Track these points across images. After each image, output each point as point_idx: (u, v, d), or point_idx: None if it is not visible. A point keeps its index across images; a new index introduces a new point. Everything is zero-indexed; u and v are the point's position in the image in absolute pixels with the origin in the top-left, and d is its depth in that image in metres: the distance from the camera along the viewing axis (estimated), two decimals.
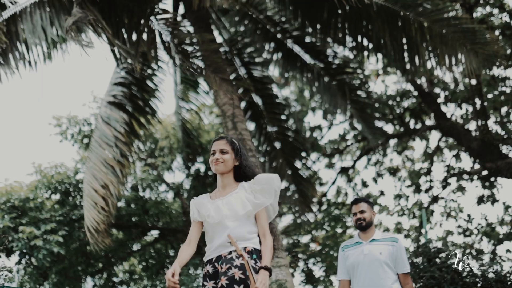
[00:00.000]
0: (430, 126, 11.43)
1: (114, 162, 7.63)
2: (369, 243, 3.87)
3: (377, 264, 3.78)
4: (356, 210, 3.95)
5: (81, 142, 10.50)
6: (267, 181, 2.83)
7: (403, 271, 3.80)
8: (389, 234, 4.14)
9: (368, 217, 3.91)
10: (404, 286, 3.79)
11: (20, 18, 6.98)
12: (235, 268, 2.62)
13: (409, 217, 13.14)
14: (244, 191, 2.83)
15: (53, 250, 8.64)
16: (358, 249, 3.90)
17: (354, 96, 9.00)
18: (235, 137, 3.11)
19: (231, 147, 2.89)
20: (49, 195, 9.72)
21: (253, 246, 2.74)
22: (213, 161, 2.86)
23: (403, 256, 3.83)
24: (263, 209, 2.81)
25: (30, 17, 6.99)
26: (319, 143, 12.04)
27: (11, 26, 6.92)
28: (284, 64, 9.22)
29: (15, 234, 8.61)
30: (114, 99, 7.76)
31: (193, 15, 7.56)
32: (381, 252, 3.80)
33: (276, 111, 9.37)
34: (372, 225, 3.96)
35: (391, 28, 7.74)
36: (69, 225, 9.22)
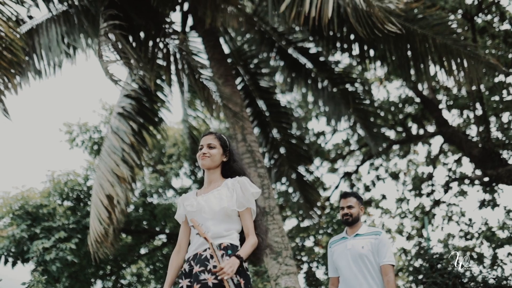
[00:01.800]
0: (432, 132, 11.64)
1: (122, 172, 7.83)
2: (353, 238, 3.82)
3: (359, 259, 3.72)
4: (344, 204, 3.89)
5: (91, 149, 10.74)
6: (248, 186, 2.79)
7: (383, 262, 3.70)
8: (374, 228, 3.93)
9: (355, 212, 3.85)
10: (384, 277, 3.69)
11: (36, 33, 7.24)
12: (208, 273, 2.57)
13: (411, 220, 13.37)
14: (226, 189, 2.77)
15: (66, 258, 8.88)
16: (342, 244, 3.86)
17: (357, 104, 9.22)
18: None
19: (219, 142, 2.86)
20: (61, 202, 9.97)
21: (229, 242, 2.69)
22: (200, 155, 2.82)
23: (385, 248, 3.75)
24: (247, 209, 2.77)
25: (46, 32, 7.24)
26: (323, 149, 12.26)
27: (28, 40, 7.16)
28: (289, 73, 9.45)
29: (30, 243, 8.86)
30: (124, 110, 7.98)
31: (202, 29, 7.79)
32: (363, 246, 3.74)
33: (282, 119, 9.62)
34: (359, 221, 3.89)
35: (396, 39, 7.95)
36: (81, 232, 9.46)
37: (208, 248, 2.64)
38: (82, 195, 10.02)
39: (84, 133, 10.79)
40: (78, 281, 11.01)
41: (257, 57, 9.40)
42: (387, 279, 3.65)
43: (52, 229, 9.32)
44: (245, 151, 6.83)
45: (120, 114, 7.97)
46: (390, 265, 3.69)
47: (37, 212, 9.40)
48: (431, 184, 12.65)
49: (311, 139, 12.31)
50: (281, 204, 12.12)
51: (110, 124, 8.18)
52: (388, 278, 3.65)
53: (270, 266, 6.26)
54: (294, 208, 11.94)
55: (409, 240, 13.32)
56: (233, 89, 7.14)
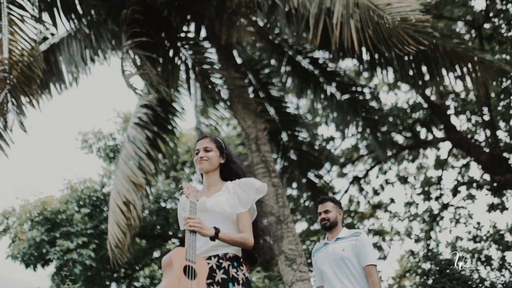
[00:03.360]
0: (440, 138, 11.81)
1: (138, 179, 8.09)
2: (334, 242, 3.78)
3: (341, 262, 3.68)
4: (321, 209, 3.86)
5: (106, 156, 11.02)
6: (249, 187, 2.72)
7: (366, 263, 3.66)
8: (354, 230, 3.86)
9: (332, 217, 3.81)
10: (369, 278, 3.65)
11: (58, 48, 7.52)
12: (217, 286, 2.52)
13: (419, 223, 13.56)
14: (227, 193, 2.72)
15: (85, 262, 9.17)
16: (324, 250, 3.82)
17: (365, 113, 9.44)
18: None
19: (215, 145, 2.81)
20: (78, 209, 10.26)
21: (233, 253, 2.65)
22: (197, 160, 2.77)
23: (367, 249, 3.69)
24: (245, 212, 2.69)
25: (67, 47, 7.52)
26: (333, 155, 12.48)
27: (50, 56, 7.45)
28: (298, 82, 9.67)
29: (50, 247, 9.16)
30: (140, 120, 8.24)
31: (215, 40, 8.02)
32: (344, 249, 3.70)
33: (292, 127, 9.86)
34: (338, 225, 3.84)
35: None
36: (98, 237, 9.75)
37: (214, 257, 2.59)
38: (98, 201, 10.31)
39: (99, 141, 11.07)
40: (95, 284, 11.33)
41: (268, 67, 9.63)
42: (372, 280, 3.61)
43: (71, 233, 9.62)
44: (259, 161, 7.06)
45: (136, 124, 8.23)
46: (374, 266, 3.66)
47: (56, 218, 9.70)
48: (439, 188, 12.81)
49: (321, 144, 12.52)
50: (291, 207, 12.35)
51: (127, 134, 8.44)
52: (373, 279, 3.62)
53: (285, 273, 6.49)
54: (305, 212, 12.16)
55: (418, 243, 13.52)
56: (248, 100, 7.38)
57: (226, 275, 2.54)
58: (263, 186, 2.77)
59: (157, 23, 6.61)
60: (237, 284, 2.54)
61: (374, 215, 13.59)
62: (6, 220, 10.10)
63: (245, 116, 7.10)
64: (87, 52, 7.80)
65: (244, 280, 2.60)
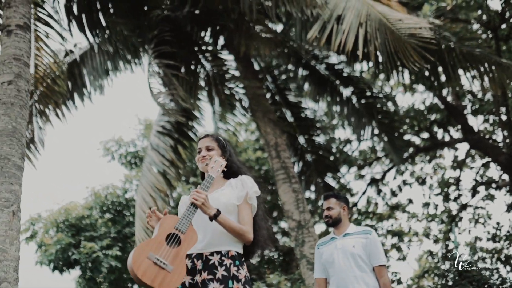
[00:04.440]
0: (457, 139, 11.84)
1: (162, 186, 8.32)
2: (342, 238, 3.73)
3: (350, 258, 3.63)
4: (324, 206, 3.84)
5: (128, 163, 11.28)
6: (249, 183, 2.74)
7: (378, 263, 3.64)
8: (363, 227, 3.81)
9: (335, 213, 3.77)
10: (380, 278, 3.62)
11: (82, 61, 7.77)
12: (217, 282, 2.50)
13: (437, 223, 13.58)
14: (230, 188, 2.74)
15: (111, 263, 9.43)
16: (331, 245, 3.76)
17: (380, 118, 9.54)
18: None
19: (216, 144, 2.83)
20: (102, 214, 10.54)
21: (236, 250, 2.63)
22: (199, 159, 2.79)
23: (378, 248, 3.66)
24: (247, 204, 2.69)
25: (90, 60, 7.77)
26: (350, 158, 12.57)
27: (75, 69, 7.71)
28: (315, 87, 9.81)
29: (75, 250, 9.45)
30: (163, 129, 8.46)
31: (234, 50, 8.20)
32: (354, 245, 3.65)
33: (309, 131, 10.01)
34: (343, 221, 3.80)
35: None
36: (122, 241, 10.01)
37: (216, 253, 2.58)
38: (121, 206, 10.57)
39: (120, 148, 11.33)
40: (118, 286, 11.60)
41: (285, 73, 9.78)
42: (383, 281, 3.60)
43: (95, 238, 9.90)
44: (279, 167, 7.22)
45: (159, 132, 8.45)
46: (385, 266, 3.66)
47: (80, 223, 9.99)
48: (457, 189, 12.82)
49: (339, 147, 12.63)
50: (310, 210, 12.48)
51: (150, 142, 8.68)
52: (384, 280, 3.60)
53: (307, 277, 6.64)
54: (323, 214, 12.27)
55: (436, 243, 13.54)
56: (267, 107, 7.54)
57: (227, 272, 2.53)
58: (257, 192, 2.77)
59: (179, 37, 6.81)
60: (236, 282, 2.53)
61: (392, 216, 13.65)
62: (33, 226, 10.41)
63: (264, 124, 7.26)
64: (110, 64, 8.04)
65: (246, 279, 2.58)
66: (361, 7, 6.11)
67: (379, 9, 6.00)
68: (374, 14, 5.98)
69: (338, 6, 6.21)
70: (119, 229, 10.22)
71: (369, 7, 6.10)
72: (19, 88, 3.69)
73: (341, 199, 3.87)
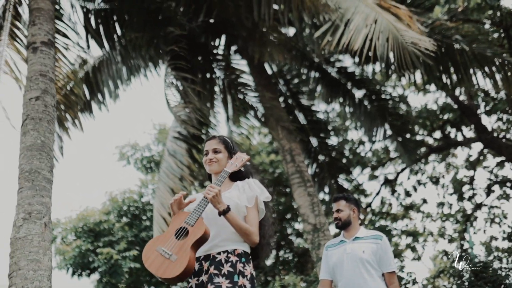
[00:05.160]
0: (471, 138, 11.83)
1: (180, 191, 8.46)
2: (352, 242, 3.65)
3: (360, 263, 3.56)
4: (334, 209, 3.76)
5: (143, 167, 11.47)
6: (257, 186, 2.75)
7: (388, 270, 3.57)
8: (374, 232, 3.74)
9: (344, 216, 3.68)
10: (390, 285, 3.56)
11: (98, 70, 7.96)
12: (222, 277, 2.53)
13: (452, 223, 13.57)
14: (237, 190, 2.74)
15: (130, 266, 9.62)
16: (340, 249, 3.68)
17: (392, 120, 9.60)
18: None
19: (223, 146, 2.83)
20: (119, 218, 10.74)
21: (242, 249, 2.65)
22: (206, 161, 2.79)
23: (388, 254, 3.60)
24: (253, 208, 2.70)
25: (107, 69, 7.96)
26: (364, 159, 12.63)
27: (92, 78, 7.90)
28: (327, 90, 9.90)
29: (94, 255, 9.65)
30: (179, 135, 8.60)
31: (247, 55, 8.31)
32: (364, 251, 3.58)
33: (322, 134, 10.10)
34: (353, 223, 3.70)
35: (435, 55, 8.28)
36: (139, 245, 10.19)
37: (223, 252, 2.61)
38: (137, 211, 10.75)
39: (136, 152, 11.52)
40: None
41: (298, 76, 9.89)
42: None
43: (113, 242, 10.10)
44: (294, 172, 7.33)
45: (176, 138, 8.60)
46: (394, 273, 3.59)
47: (98, 228, 10.19)
48: (472, 188, 12.81)
49: (353, 147, 12.69)
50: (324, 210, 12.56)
51: (167, 147, 8.83)
52: (394, 287, 3.55)
53: None
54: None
55: (451, 243, 13.53)
56: (281, 110, 7.66)
57: (233, 268, 2.56)
58: (268, 195, 2.78)
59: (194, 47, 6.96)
60: (242, 277, 2.56)
61: (406, 216, 13.67)
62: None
63: (278, 130, 7.38)
64: (125, 72, 8.21)
65: (251, 276, 2.61)
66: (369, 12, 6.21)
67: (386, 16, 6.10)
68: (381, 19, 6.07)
69: (348, 11, 6.31)
70: (136, 233, 10.40)
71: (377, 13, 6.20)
72: (46, 104, 3.84)
73: (351, 201, 3.77)
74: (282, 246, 13.00)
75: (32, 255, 3.06)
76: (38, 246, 3.11)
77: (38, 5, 4.42)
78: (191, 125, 6.24)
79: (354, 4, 6.17)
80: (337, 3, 6.15)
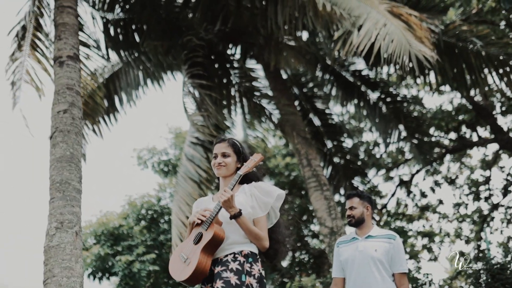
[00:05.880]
0: (486, 139, 11.80)
1: (198, 195, 8.62)
2: (365, 240, 3.61)
3: (371, 262, 3.51)
4: (347, 206, 3.71)
5: (161, 171, 11.66)
6: (268, 193, 2.74)
7: (399, 270, 3.53)
8: (387, 231, 3.71)
9: (358, 213, 3.63)
10: (399, 286, 3.50)
11: (117, 77, 8.16)
12: (230, 272, 2.54)
13: (469, 224, 13.53)
14: (244, 194, 2.73)
15: (149, 269, 9.81)
16: (352, 246, 3.64)
17: (407, 121, 9.65)
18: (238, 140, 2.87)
19: (232, 150, 2.82)
20: (137, 222, 10.94)
21: (249, 250, 2.65)
22: (215, 164, 2.79)
23: (400, 255, 3.55)
24: (263, 216, 2.71)
25: (125, 76, 8.16)
26: (379, 161, 12.67)
27: (110, 85, 8.10)
28: (342, 94, 9.98)
29: (114, 260, 9.86)
30: (197, 140, 8.76)
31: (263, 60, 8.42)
32: (376, 250, 3.53)
33: (337, 137, 10.19)
34: (366, 221, 3.66)
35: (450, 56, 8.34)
36: (158, 248, 10.38)
37: (229, 254, 2.63)
38: (156, 214, 10.94)
39: (154, 156, 11.71)
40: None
41: (313, 80, 9.99)
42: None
43: (132, 246, 10.30)
44: (311, 176, 7.43)
45: (193, 143, 8.76)
46: (405, 274, 3.54)
47: (117, 232, 10.40)
48: (488, 188, 12.76)
49: (366, 149, 12.74)
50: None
51: (184, 152, 9.00)
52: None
53: None
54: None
55: (468, 244, 13.49)
56: (297, 116, 7.77)
57: (241, 267, 2.58)
58: (282, 194, 2.79)
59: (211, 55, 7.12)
60: (249, 277, 2.56)
61: (422, 217, 13.66)
62: None
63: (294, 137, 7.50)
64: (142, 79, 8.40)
65: (258, 275, 2.61)
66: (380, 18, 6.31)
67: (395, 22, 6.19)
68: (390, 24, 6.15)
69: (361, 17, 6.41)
70: (154, 236, 10.59)
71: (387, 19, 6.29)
72: (73, 116, 4.01)
73: (365, 199, 3.72)
74: (298, 248, 13.10)
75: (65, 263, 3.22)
76: (70, 254, 3.27)
77: (63, 20, 4.59)
78: (208, 132, 6.38)
79: (367, 10, 6.27)
80: (350, 10, 6.26)
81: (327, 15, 5.93)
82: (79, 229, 3.47)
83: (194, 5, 6.91)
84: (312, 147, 7.67)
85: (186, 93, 6.51)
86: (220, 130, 9.44)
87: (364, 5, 6.37)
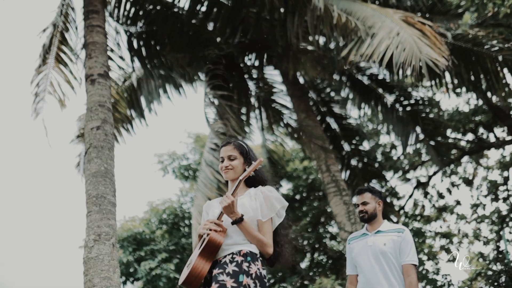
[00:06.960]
0: (504, 141, 11.80)
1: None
2: (374, 235, 3.63)
3: (381, 256, 3.53)
4: (359, 201, 3.69)
5: (182, 175, 11.89)
6: (276, 199, 2.72)
7: (407, 261, 3.52)
8: (397, 225, 3.72)
9: (370, 208, 3.63)
10: (406, 277, 3.49)
11: (139, 87, 8.42)
12: (227, 276, 2.52)
13: (487, 224, 13.50)
14: (248, 197, 2.72)
15: (170, 276, 10.06)
16: (362, 241, 3.66)
17: (424, 124, 9.73)
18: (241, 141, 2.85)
19: (239, 152, 2.78)
20: (159, 226, 11.19)
21: (249, 249, 2.63)
22: (222, 168, 2.77)
23: (408, 246, 3.55)
24: (268, 220, 2.69)
25: (146, 85, 8.40)
26: (396, 164, 12.74)
27: (133, 94, 8.36)
28: (359, 98, 10.11)
29: (137, 265, 10.14)
30: (216, 146, 8.97)
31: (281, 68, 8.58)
32: (385, 243, 3.55)
33: (354, 141, 10.32)
34: (378, 217, 3.66)
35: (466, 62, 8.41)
36: (180, 253, 10.62)
37: (228, 254, 2.62)
38: (177, 219, 11.19)
39: (174, 161, 11.95)
40: None
41: (329, 86, 10.13)
42: (410, 280, 3.48)
43: (155, 251, 10.56)
44: (330, 181, 7.58)
45: (212, 149, 8.97)
46: (413, 265, 3.52)
47: (140, 237, 10.66)
48: (506, 189, 12.74)
49: (385, 151, 12.82)
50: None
51: (204, 158, 9.21)
52: (410, 279, 3.48)
53: None
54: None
55: (486, 245, 13.47)
56: (315, 122, 7.94)
57: (238, 268, 2.56)
58: (286, 204, 2.78)
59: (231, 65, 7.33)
60: (246, 277, 2.53)
61: (440, 218, 13.68)
62: None
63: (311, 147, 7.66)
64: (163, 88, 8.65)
65: (257, 275, 2.58)
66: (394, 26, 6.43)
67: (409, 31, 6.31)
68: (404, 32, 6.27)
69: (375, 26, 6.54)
70: (176, 241, 10.83)
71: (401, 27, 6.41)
72: (106, 132, 4.23)
73: (376, 194, 3.71)
74: (316, 249, 13.24)
75: (104, 273, 3.44)
76: (108, 264, 3.49)
77: (93, 39, 4.82)
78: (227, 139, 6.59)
79: (381, 19, 6.40)
80: (364, 20, 6.40)
81: (343, 25, 6.08)
82: (115, 240, 3.68)
83: (214, 18, 7.13)
84: (330, 153, 7.81)
85: (207, 103, 6.73)
86: (240, 135, 9.66)
87: (379, 14, 6.50)
